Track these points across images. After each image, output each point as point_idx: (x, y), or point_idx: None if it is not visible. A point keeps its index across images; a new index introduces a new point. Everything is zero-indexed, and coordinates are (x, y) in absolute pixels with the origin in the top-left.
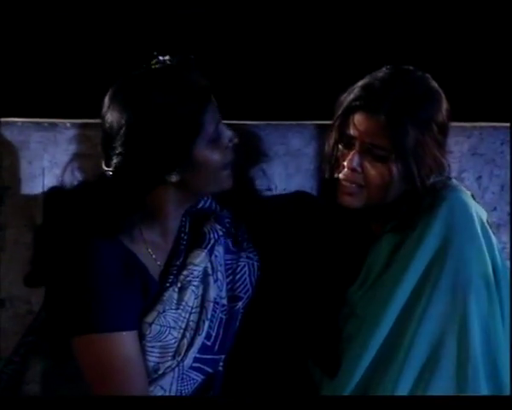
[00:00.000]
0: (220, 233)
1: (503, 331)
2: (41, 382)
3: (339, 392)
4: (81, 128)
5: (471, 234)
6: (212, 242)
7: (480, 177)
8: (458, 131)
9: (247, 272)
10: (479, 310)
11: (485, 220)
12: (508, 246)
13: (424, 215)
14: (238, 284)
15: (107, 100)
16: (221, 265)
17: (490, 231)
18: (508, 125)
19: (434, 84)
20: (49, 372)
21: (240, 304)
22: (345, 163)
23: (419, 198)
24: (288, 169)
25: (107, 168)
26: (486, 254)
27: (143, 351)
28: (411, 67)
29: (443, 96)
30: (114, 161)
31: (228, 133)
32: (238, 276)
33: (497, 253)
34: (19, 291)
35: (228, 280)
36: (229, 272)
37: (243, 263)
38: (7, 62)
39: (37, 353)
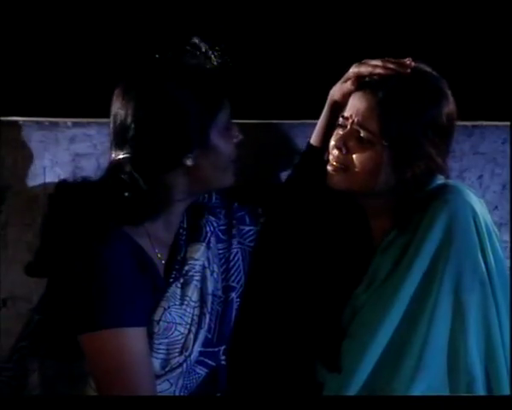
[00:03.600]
0: (215, 225)
1: (500, 337)
2: (45, 386)
3: (341, 391)
4: (82, 127)
5: (469, 240)
6: (208, 235)
7: (481, 176)
8: (459, 130)
9: (241, 258)
10: (476, 315)
11: (489, 223)
12: (509, 245)
13: (427, 219)
14: (232, 273)
15: (121, 89)
16: (215, 256)
17: (493, 234)
18: (509, 123)
19: (443, 86)
20: (53, 376)
21: (233, 294)
22: (333, 143)
23: (411, 196)
24: (290, 168)
25: (121, 154)
26: (481, 260)
27: (151, 349)
28: (427, 69)
29: (449, 101)
30: (132, 144)
31: (235, 129)
32: (231, 264)
33: (498, 255)
34: (20, 291)
35: (222, 270)
36: (223, 261)
37: (235, 250)
38: (7, 62)
39: (36, 357)
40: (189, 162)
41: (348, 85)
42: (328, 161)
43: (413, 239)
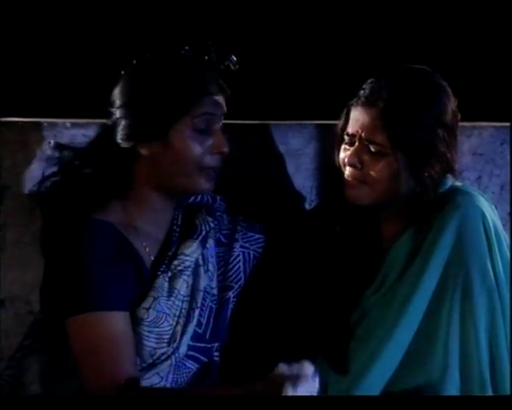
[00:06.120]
0: (212, 225)
1: (505, 343)
2: (42, 381)
3: (348, 393)
4: (81, 128)
5: (478, 246)
6: (203, 233)
7: (479, 177)
8: (458, 131)
9: (242, 261)
10: (484, 320)
11: (499, 228)
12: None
13: (438, 224)
14: (230, 274)
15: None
16: (212, 256)
17: (503, 239)
18: (508, 124)
19: (442, 83)
20: (49, 370)
21: (230, 293)
22: (345, 160)
23: (428, 199)
24: (287, 169)
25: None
26: (490, 266)
27: (141, 336)
28: (421, 67)
29: (450, 96)
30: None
31: (220, 140)
32: (231, 266)
33: (507, 262)
34: (19, 291)
35: (219, 272)
36: (222, 263)
37: (237, 252)
38: (7, 62)
39: (33, 353)
40: (143, 151)
41: None
42: (341, 178)
43: (424, 244)
